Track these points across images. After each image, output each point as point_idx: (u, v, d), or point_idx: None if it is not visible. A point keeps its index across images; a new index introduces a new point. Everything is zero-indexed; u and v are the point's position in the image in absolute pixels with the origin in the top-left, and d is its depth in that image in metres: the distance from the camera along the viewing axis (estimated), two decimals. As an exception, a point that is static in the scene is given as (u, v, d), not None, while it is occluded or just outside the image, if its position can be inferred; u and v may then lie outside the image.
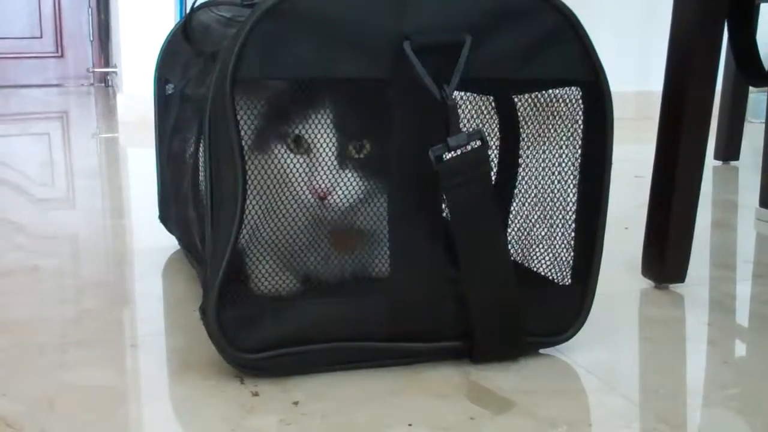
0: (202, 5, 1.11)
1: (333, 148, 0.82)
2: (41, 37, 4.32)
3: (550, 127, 0.91)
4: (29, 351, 0.90)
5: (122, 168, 2.23)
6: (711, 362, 0.92)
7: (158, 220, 1.32)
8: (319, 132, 0.82)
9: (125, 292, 1.13)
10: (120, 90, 3.12)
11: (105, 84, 4.38)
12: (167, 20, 2.83)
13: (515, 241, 0.95)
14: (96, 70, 4.37)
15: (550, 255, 0.92)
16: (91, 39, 4.38)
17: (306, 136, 0.82)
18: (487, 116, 0.94)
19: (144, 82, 2.11)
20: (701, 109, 1.10)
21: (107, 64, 4.29)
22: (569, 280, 0.91)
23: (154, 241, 1.32)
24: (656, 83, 1.18)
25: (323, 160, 0.82)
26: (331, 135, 0.82)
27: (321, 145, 0.82)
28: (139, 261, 1.27)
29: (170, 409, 0.79)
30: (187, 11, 1.11)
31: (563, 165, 0.90)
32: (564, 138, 0.90)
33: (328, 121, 0.82)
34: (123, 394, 0.81)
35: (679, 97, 1.10)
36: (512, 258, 0.92)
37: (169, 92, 1.19)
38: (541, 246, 0.93)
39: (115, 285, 1.16)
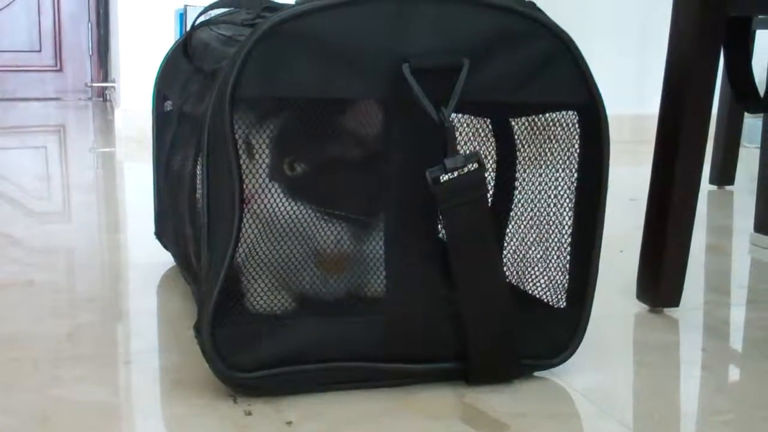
0: (202, 23, 1.11)
1: (266, 158, 0.82)
2: (40, 51, 4.33)
3: (547, 149, 0.91)
4: (23, 366, 0.90)
5: (119, 183, 2.23)
6: (705, 388, 0.92)
7: (154, 236, 1.32)
8: (262, 140, 0.82)
9: (119, 308, 1.13)
10: (118, 105, 3.13)
11: (103, 98, 4.38)
12: (166, 36, 2.84)
13: (511, 263, 0.96)
14: (94, 84, 4.37)
15: (546, 277, 0.92)
16: (90, 53, 4.38)
17: (254, 143, 0.82)
18: (484, 138, 0.95)
19: (142, 97, 2.11)
20: (697, 133, 1.10)
21: (106, 78, 4.30)
22: (564, 303, 0.91)
23: (150, 257, 1.32)
24: (653, 106, 1.18)
25: (258, 167, 0.82)
26: (268, 145, 0.81)
27: (261, 153, 0.82)
28: (134, 277, 1.27)
29: (163, 427, 0.79)
30: (188, 29, 1.12)
31: (559, 188, 0.90)
32: (560, 161, 0.90)
33: (272, 131, 0.82)
34: (116, 411, 0.81)
35: (675, 121, 1.10)
36: (507, 280, 0.92)
37: (168, 109, 1.19)
38: (536, 268, 0.93)
39: (110, 301, 1.16)
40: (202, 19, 1.11)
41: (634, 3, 3.20)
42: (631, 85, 3.18)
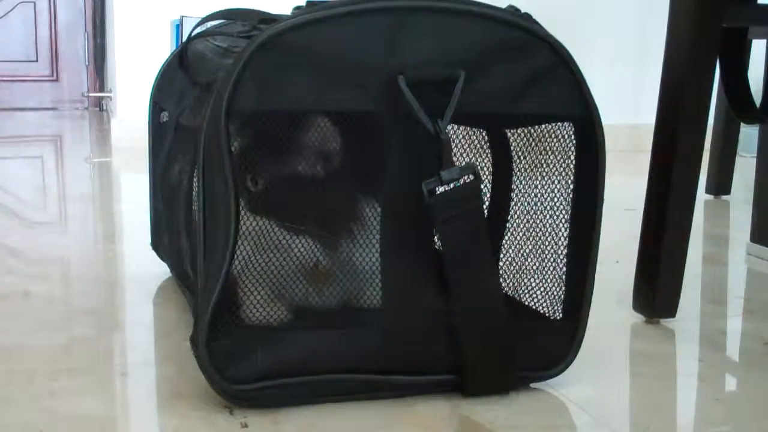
0: (198, 35, 1.11)
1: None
2: (37, 61, 4.33)
3: (543, 161, 0.92)
4: (18, 378, 0.90)
5: (115, 193, 2.23)
6: (702, 398, 0.92)
7: (150, 247, 1.32)
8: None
9: (116, 320, 1.13)
10: (114, 115, 3.13)
11: (99, 108, 4.39)
12: (163, 46, 2.84)
13: (507, 275, 0.96)
14: (91, 94, 4.38)
15: (542, 289, 0.92)
16: (87, 63, 4.39)
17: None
18: (479, 150, 0.95)
19: (138, 107, 2.11)
20: (693, 143, 1.10)
21: (102, 88, 4.30)
22: (560, 315, 0.91)
23: (146, 268, 1.32)
24: (649, 116, 1.18)
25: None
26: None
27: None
28: (131, 288, 1.27)
29: (159, 440, 0.79)
30: (184, 39, 1.12)
31: (555, 199, 0.90)
32: (556, 172, 0.90)
33: (237, 146, 0.81)
34: (112, 423, 0.81)
35: (671, 131, 1.10)
36: (504, 292, 0.92)
37: (164, 120, 1.19)
38: (532, 279, 0.93)
39: (106, 312, 1.16)
40: (198, 30, 1.11)
41: (631, 13, 3.21)
42: (627, 95, 3.18)
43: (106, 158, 2.76)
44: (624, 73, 3.21)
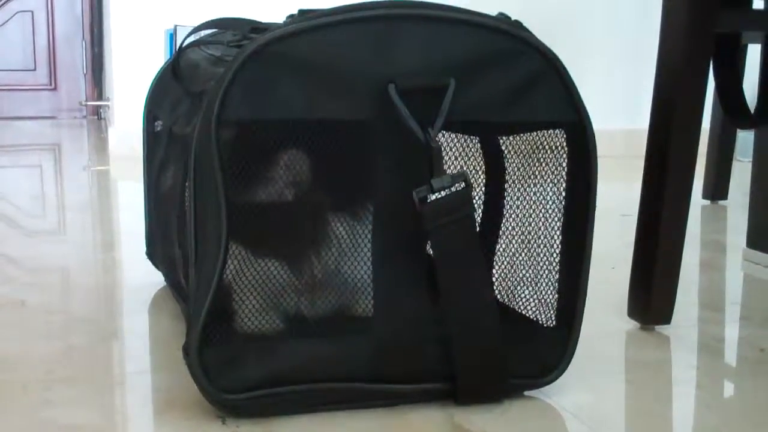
0: (191, 43, 1.11)
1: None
2: (35, 70, 4.34)
3: (535, 167, 0.92)
4: (13, 388, 0.90)
5: (113, 201, 2.23)
6: (697, 406, 0.91)
7: (145, 256, 1.32)
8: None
9: (111, 329, 1.12)
10: (112, 123, 3.13)
11: (97, 117, 4.39)
12: (160, 55, 2.84)
13: (500, 282, 0.95)
14: (89, 103, 4.38)
15: (535, 296, 0.92)
16: (85, 72, 4.39)
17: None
18: (471, 157, 0.95)
19: (136, 116, 2.11)
20: (686, 149, 1.10)
21: (100, 97, 4.30)
22: (554, 322, 0.91)
23: (142, 277, 1.32)
24: (645, 121, 1.18)
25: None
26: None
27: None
28: (127, 297, 1.27)
29: (151, 450, 0.78)
30: (177, 48, 1.12)
31: (548, 205, 0.90)
32: (549, 179, 0.90)
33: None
34: (105, 434, 0.81)
35: (665, 137, 1.10)
36: (497, 299, 0.92)
37: (158, 129, 1.20)
38: (526, 287, 0.93)
39: (102, 321, 1.16)
40: (190, 39, 1.11)
41: (626, 19, 3.22)
42: (623, 100, 3.19)
43: (104, 166, 2.76)
44: (619, 79, 3.21)
